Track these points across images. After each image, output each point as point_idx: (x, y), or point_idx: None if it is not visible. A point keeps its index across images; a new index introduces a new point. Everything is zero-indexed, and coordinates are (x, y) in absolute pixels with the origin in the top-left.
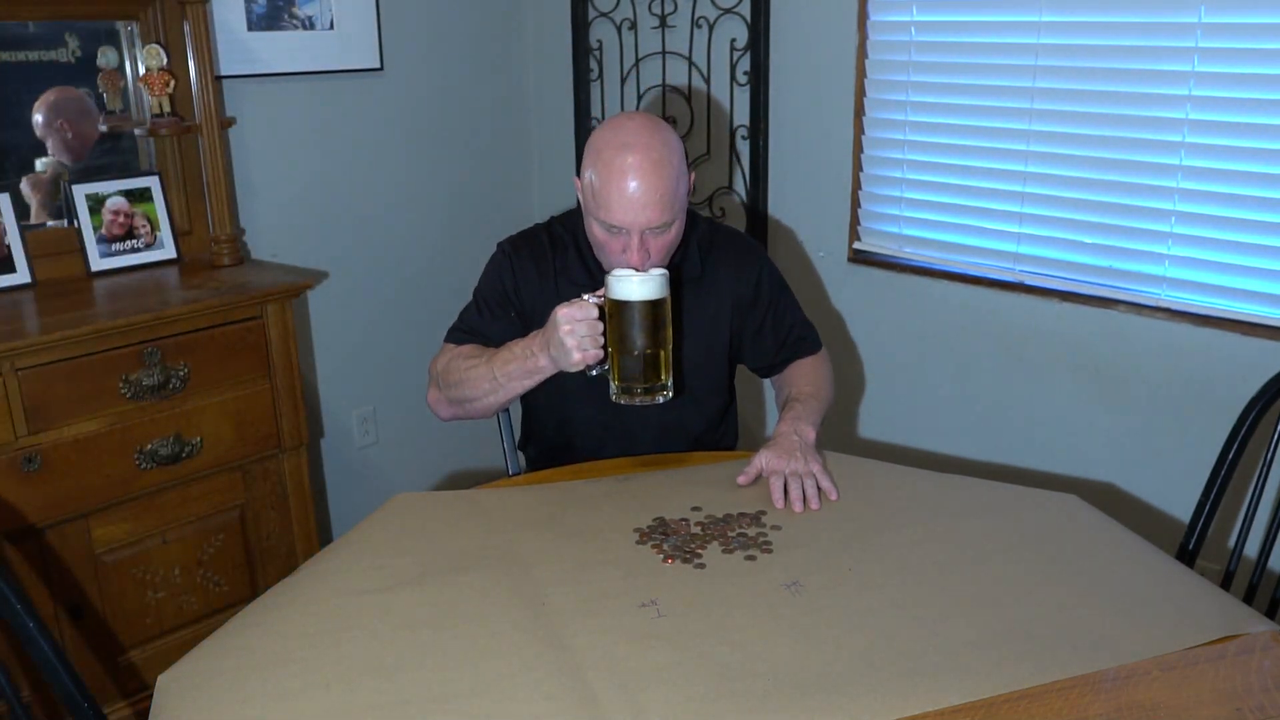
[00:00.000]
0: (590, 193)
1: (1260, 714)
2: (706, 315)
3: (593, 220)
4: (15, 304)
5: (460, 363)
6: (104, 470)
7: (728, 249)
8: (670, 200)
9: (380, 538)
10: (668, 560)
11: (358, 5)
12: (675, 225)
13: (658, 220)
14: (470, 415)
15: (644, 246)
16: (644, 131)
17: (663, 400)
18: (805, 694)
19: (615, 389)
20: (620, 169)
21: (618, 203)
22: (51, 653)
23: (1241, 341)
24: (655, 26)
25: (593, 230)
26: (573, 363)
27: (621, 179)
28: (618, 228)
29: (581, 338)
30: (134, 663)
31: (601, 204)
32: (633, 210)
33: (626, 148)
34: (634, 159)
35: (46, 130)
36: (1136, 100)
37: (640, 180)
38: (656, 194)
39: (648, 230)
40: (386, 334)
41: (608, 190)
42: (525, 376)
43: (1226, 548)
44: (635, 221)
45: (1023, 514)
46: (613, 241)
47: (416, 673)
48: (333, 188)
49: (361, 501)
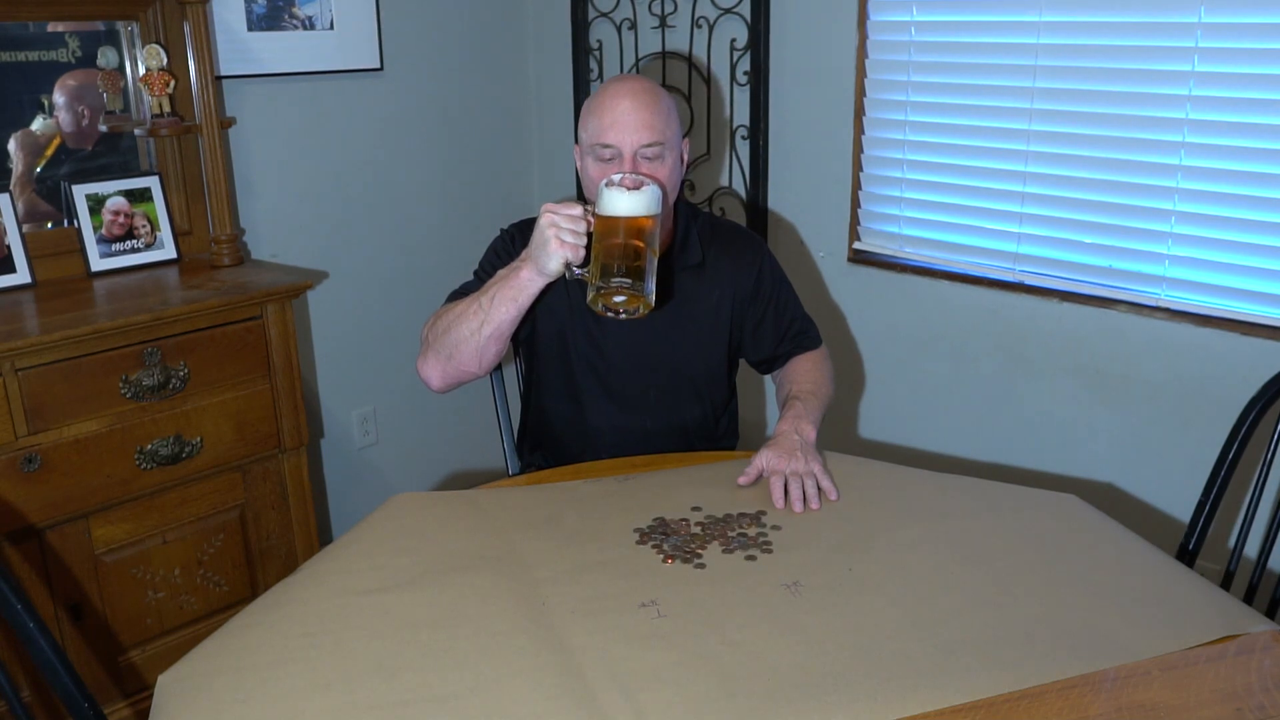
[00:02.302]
0: (585, 132)
1: (1260, 714)
2: (707, 305)
3: (587, 159)
4: (15, 304)
5: (448, 309)
6: (104, 470)
7: (729, 241)
8: (663, 122)
9: (380, 538)
10: (668, 560)
11: (358, 5)
12: (670, 160)
13: (649, 138)
14: (462, 369)
15: (636, 170)
16: (637, 76)
17: (639, 310)
18: (805, 694)
19: (592, 290)
20: (612, 94)
21: (609, 123)
22: (51, 653)
23: (1241, 341)
24: (655, 26)
25: (588, 174)
26: (551, 254)
27: (614, 101)
28: (611, 149)
29: (562, 229)
30: (134, 663)
31: (594, 129)
32: (624, 129)
33: (617, 82)
34: (625, 85)
35: (66, 110)
36: (1136, 100)
37: (631, 102)
38: (648, 112)
39: (640, 152)
40: (386, 334)
41: (600, 116)
42: (510, 296)
43: (1226, 548)
44: (627, 139)
45: (1023, 514)
46: (607, 169)
47: (416, 673)
48: (333, 188)
49: (361, 501)
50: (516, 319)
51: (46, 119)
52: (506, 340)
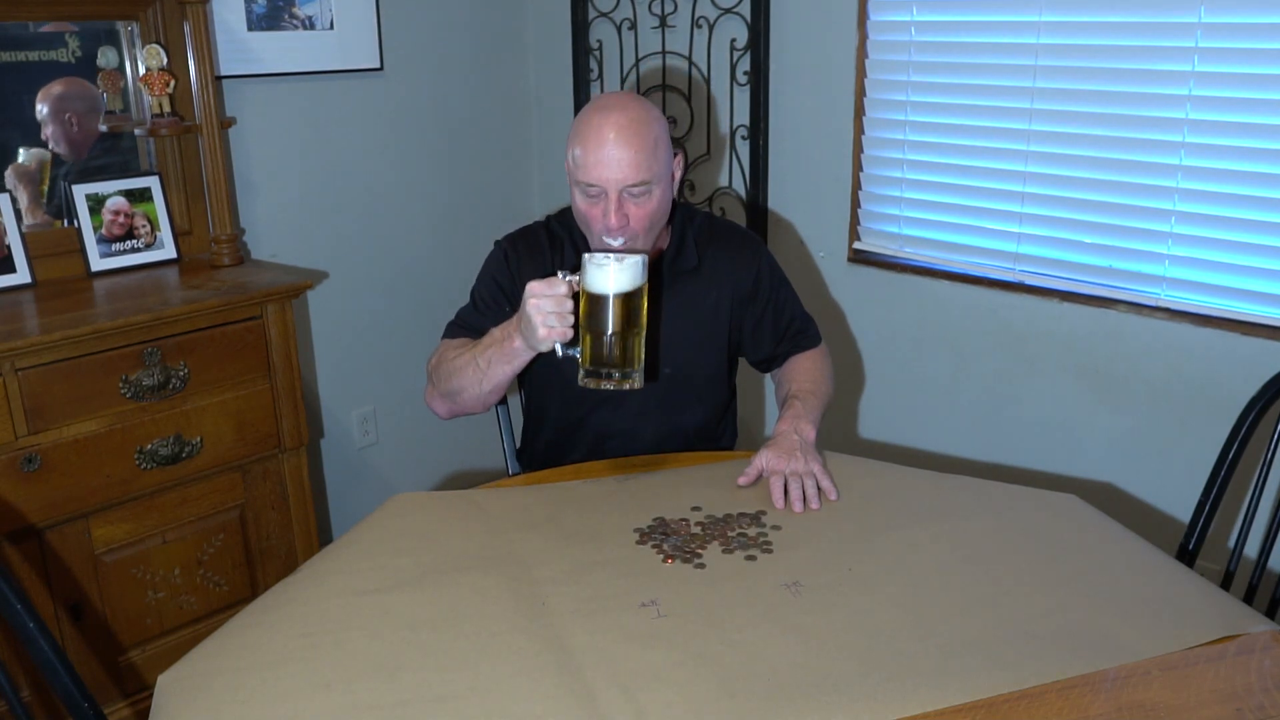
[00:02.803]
0: (572, 161)
1: (1260, 714)
2: (706, 307)
3: (575, 190)
4: (15, 304)
5: (450, 354)
6: (104, 470)
7: (727, 241)
8: (648, 160)
9: (380, 538)
10: (668, 560)
11: (358, 5)
12: (657, 193)
13: (634, 178)
14: (466, 409)
15: (622, 210)
16: (623, 98)
17: (629, 388)
18: (805, 694)
19: (582, 373)
20: (597, 127)
21: (594, 161)
22: (51, 653)
23: (1241, 341)
24: (655, 26)
25: (576, 204)
26: (539, 339)
27: (598, 135)
28: (595, 187)
29: (547, 314)
30: (134, 663)
31: (579, 165)
32: (609, 167)
33: (604, 109)
34: (611, 118)
35: (52, 121)
36: (1136, 100)
37: (616, 136)
38: (632, 150)
39: (626, 192)
40: (386, 334)
41: (585, 150)
42: (504, 360)
43: (1226, 548)
44: (611, 178)
45: (1023, 514)
46: (593, 209)
47: (416, 673)
48: (333, 188)
49: (361, 501)
50: (515, 374)
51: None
52: (506, 388)
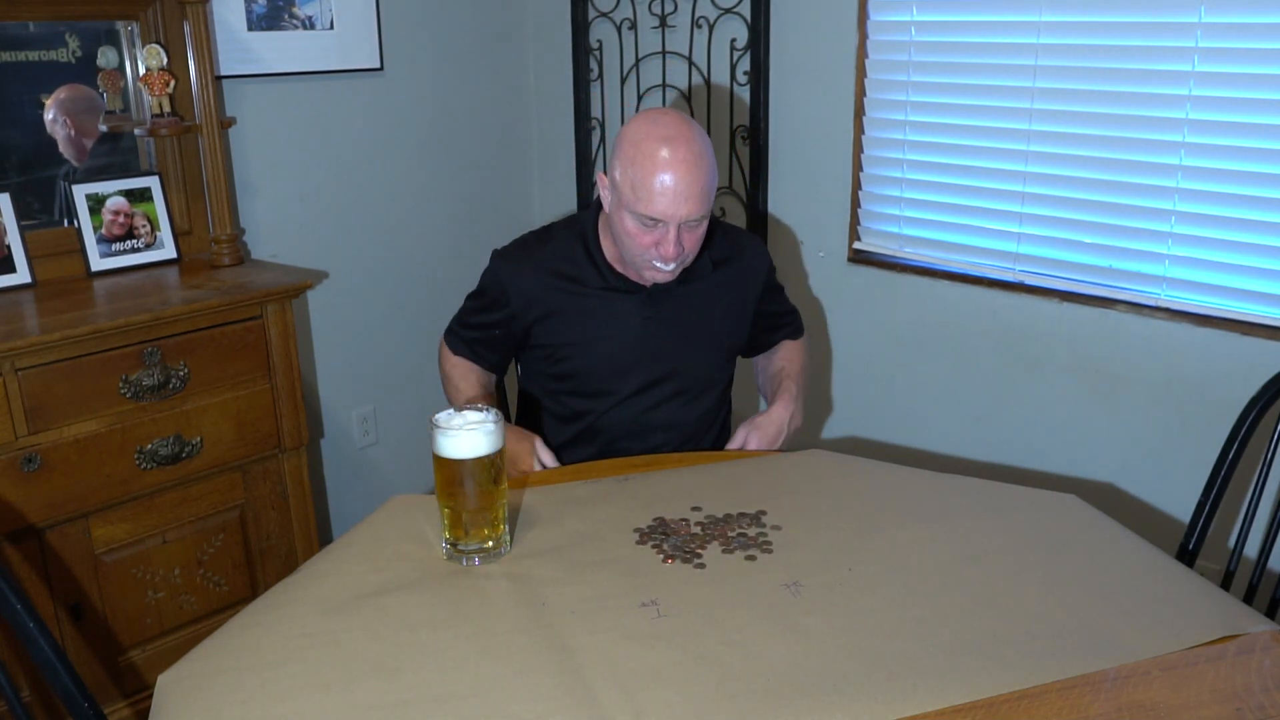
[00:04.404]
0: (628, 186)
1: (1260, 714)
2: (719, 309)
3: (626, 214)
4: (15, 304)
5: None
6: (104, 470)
7: (734, 245)
8: (708, 194)
9: (380, 538)
10: (668, 560)
11: (358, 5)
12: (706, 220)
13: (697, 213)
14: None
15: (679, 240)
16: (682, 125)
17: (496, 558)
18: (805, 694)
19: (448, 548)
20: (662, 161)
21: (659, 195)
22: (51, 653)
23: (1241, 341)
24: (655, 26)
25: (624, 224)
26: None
27: (663, 171)
28: (655, 220)
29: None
30: (134, 663)
31: (641, 197)
32: (674, 203)
33: (667, 141)
34: (676, 152)
35: (53, 127)
36: (1136, 100)
37: (682, 173)
38: (697, 186)
39: (684, 223)
40: (386, 334)
41: (648, 183)
42: None
43: (1226, 548)
44: (675, 214)
45: (1023, 514)
46: (645, 235)
47: (416, 673)
48: (333, 188)
49: (361, 501)
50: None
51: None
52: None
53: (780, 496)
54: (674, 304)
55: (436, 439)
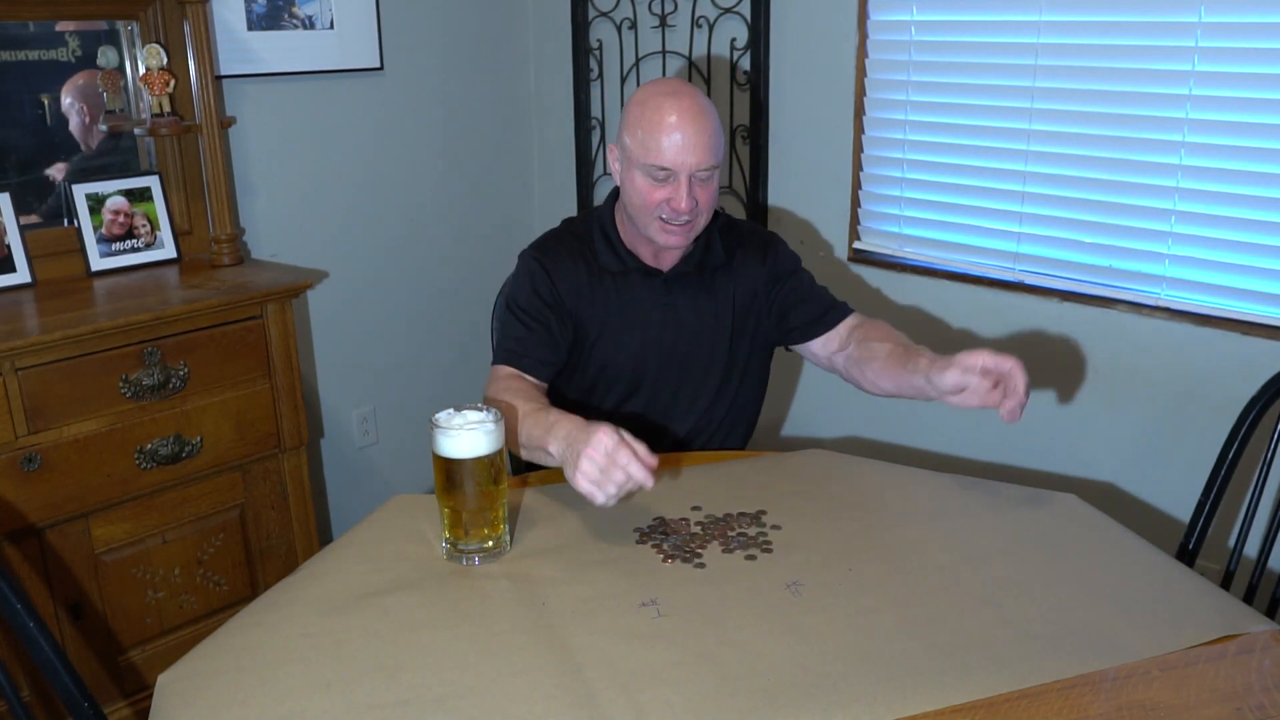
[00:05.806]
0: (637, 144)
1: (1260, 714)
2: (739, 301)
3: (636, 172)
4: (15, 304)
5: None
6: (104, 470)
7: (748, 237)
8: (715, 147)
9: (380, 538)
10: (668, 560)
11: (358, 5)
12: (716, 178)
13: (706, 161)
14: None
15: (692, 193)
16: (681, 83)
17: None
18: (805, 694)
19: (448, 548)
20: (669, 110)
21: (667, 144)
22: (51, 653)
23: (1241, 341)
24: (655, 26)
25: (635, 183)
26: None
27: (671, 119)
28: (667, 170)
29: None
30: (134, 663)
31: (650, 149)
32: (683, 151)
33: (672, 94)
34: (681, 103)
35: (69, 112)
36: (1136, 100)
37: (689, 120)
38: (705, 135)
39: (695, 175)
40: (386, 334)
41: (656, 134)
42: (544, 454)
43: (1226, 548)
44: (685, 162)
45: (1023, 514)
46: (657, 191)
47: (416, 673)
48: (333, 188)
49: (361, 501)
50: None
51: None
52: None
53: (780, 496)
54: (691, 292)
55: (436, 438)
